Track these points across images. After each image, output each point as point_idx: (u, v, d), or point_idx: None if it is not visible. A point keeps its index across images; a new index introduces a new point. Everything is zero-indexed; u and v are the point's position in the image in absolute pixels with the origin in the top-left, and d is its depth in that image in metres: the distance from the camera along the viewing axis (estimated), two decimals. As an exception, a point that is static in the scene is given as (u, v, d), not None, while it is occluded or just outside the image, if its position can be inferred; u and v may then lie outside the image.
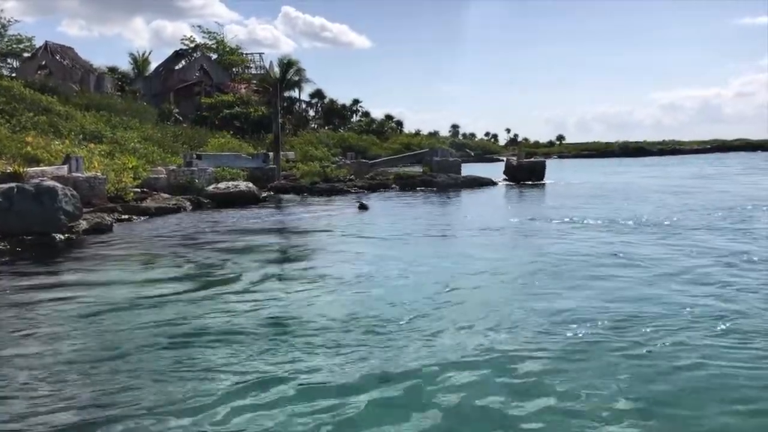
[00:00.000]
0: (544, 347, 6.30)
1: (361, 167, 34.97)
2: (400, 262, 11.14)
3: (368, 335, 6.78)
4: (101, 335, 6.98)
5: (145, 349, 6.41)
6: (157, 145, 31.84)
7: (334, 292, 8.90)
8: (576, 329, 6.81)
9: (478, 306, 7.96)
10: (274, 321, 7.44)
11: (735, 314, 7.33)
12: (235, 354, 6.25)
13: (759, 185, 28.80)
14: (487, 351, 6.22)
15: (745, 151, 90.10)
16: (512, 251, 12.62)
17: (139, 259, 12.14)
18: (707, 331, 6.75)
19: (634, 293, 8.43)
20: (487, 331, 6.87)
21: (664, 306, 7.74)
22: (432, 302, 8.15)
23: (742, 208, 18.61)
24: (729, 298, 8.11)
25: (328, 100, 76.18)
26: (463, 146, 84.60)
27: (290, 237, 15.71)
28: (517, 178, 34.06)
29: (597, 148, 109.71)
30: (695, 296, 8.22)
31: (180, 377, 5.65)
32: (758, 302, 7.86)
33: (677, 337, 6.53)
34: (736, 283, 8.94)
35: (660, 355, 6.05)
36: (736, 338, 6.52)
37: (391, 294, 8.66)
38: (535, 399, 5.09)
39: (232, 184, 24.61)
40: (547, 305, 7.83)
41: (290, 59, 38.71)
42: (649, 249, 11.95)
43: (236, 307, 8.11)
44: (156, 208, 19.88)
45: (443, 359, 5.99)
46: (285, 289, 9.21)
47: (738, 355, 6.02)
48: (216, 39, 64.94)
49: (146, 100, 50.48)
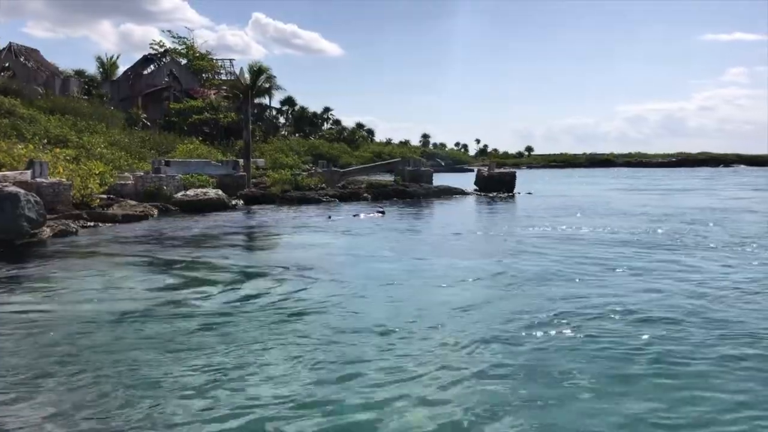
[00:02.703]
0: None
1: (332, 176, 34.75)
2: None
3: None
4: (51, 347, 6.68)
5: (99, 361, 6.16)
6: (125, 150, 31.27)
7: (291, 299, 8.73)
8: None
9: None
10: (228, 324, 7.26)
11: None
12: (195, 359, 6.04)
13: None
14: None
15: (708, 166, 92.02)
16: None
17: (102, 267, 11.77)
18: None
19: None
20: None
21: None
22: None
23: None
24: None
25: (299, 107, 76.06)
26: (434, 156, 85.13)
27: (257, 245, 15.48)
28: (488, 188, 34.19)
29: (565, 159, 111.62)
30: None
31: (141, 383, 5.44)
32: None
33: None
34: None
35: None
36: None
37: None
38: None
39: (201, 191, 24.23)
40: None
41: (261, 65, 38.42)
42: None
43: (199, 315, 7.87)
44: (123, 215, 19.43)
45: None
46: (253, 293, 9.09)
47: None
48: (186, 44, 64.31)
49: (113, 104, 49.63)
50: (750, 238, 15.36)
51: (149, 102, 53.95)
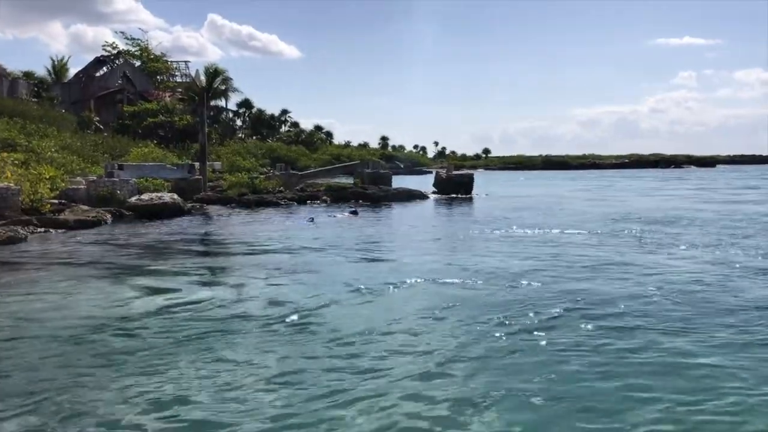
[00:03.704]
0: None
1: (290, 179, 34.53)
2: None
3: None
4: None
5: (41, 381, 5.95)
6: (76, 154, 30.43)
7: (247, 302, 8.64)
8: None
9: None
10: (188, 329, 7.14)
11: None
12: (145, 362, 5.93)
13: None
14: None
15: (659, 168, 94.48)
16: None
17: (53, 276, 11.39)
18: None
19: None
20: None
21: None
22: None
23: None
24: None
25: (256, 109, 75.39)
26: (393, 158, 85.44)
27: (213, 250, 15.26)
28: (447, 190, 34.48)
29: (521, 161, 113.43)
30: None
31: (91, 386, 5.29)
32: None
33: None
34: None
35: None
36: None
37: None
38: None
39: (156, 195, 23.76)
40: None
41: (217, 68, 38.14)
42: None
43: (156, 329, 7.71)
44: (75, 221, 18.93)
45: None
46: (207, 297, 9.01)
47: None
48: (140, 46, 63.25)
49: (65, 107, 48.42)
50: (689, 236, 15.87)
51: (102, 105, 52.77)
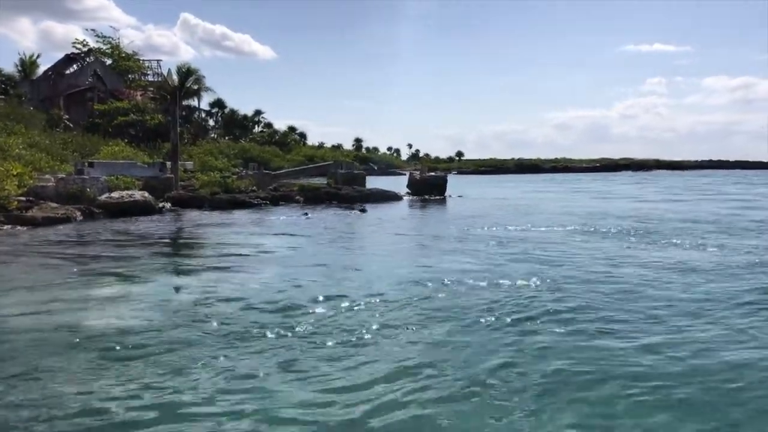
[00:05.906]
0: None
1: (263, 178, 34.34)
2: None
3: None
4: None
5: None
6: (45, 152, 29.92)
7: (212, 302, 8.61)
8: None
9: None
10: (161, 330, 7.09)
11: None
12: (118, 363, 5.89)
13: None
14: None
15: (631, 170, 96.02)
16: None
17: (20, 274, 11.22)
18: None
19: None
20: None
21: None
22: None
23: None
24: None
25: (229, 110, 74.84)
26: (367, 160, 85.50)
27: (187, 251, 15.14)
28: (421, 191, 34.72)
29: (494, 164, 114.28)
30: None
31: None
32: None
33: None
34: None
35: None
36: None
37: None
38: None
39: (127, 193, 23.49)
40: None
41: (189, 67, 37.68)
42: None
43: (124, 316, 7.65)
44: (43, 218, 18.66)
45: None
46: (176, 296, 8.93)
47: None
48: (111, 44, 62.36)
49: (33, 104, 47.57)
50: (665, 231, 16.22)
51: (72, 103, 51.95)
